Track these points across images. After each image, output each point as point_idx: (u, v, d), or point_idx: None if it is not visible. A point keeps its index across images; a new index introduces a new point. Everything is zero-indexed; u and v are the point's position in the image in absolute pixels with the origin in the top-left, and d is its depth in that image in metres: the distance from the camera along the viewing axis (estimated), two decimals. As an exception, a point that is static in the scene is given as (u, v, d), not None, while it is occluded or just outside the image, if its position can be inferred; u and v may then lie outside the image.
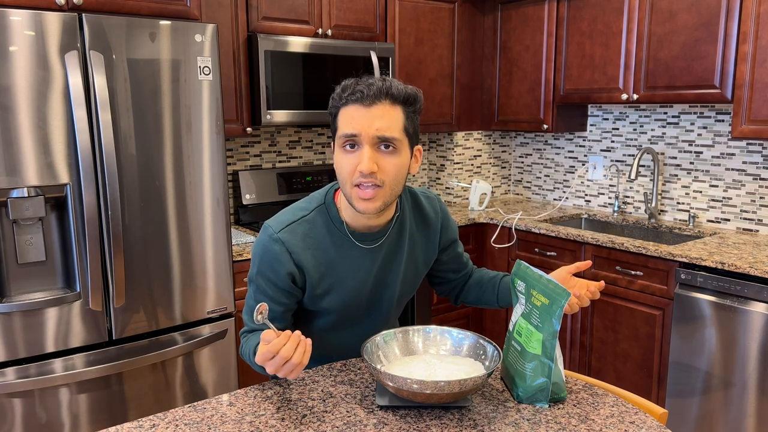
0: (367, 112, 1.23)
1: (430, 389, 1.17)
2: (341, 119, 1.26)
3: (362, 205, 1.26)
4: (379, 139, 1.23)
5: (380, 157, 1.25)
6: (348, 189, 1.27)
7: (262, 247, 1.36)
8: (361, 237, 1.40)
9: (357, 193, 1.26)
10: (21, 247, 2.07)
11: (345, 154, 1.26)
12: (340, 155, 1.27)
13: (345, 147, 1.26)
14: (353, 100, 1.24)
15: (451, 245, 1.58)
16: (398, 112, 1.25)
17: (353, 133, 1.23)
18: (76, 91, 2.04)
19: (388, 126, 1.24)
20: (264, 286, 1.38)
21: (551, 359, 1.26)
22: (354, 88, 1.24)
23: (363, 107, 1.23)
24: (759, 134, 2.59)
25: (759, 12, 2.55)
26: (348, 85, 1.26)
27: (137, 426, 1.20)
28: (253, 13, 2.83)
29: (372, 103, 1.23)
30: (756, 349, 2.41)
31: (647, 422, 1.21)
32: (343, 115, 1.26)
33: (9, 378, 2.06)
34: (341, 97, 1.26)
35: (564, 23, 3.32)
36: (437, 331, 1.43)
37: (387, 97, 1.24)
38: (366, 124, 1.23)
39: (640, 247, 2.75)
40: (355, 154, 1.25)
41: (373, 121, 1.23)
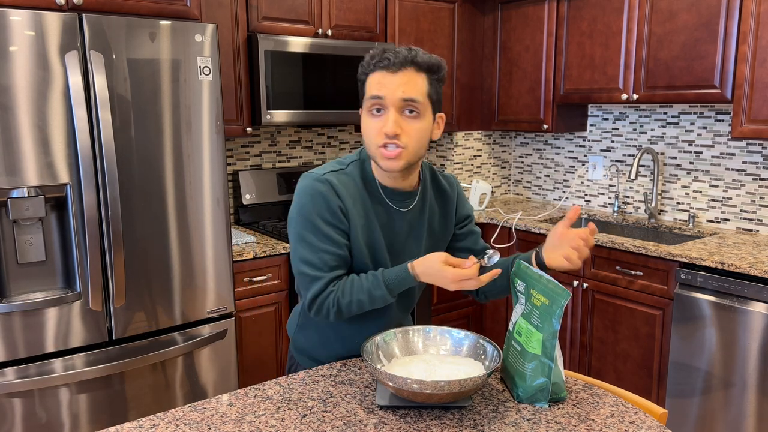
0: (394, 77, 1.32)
1: (430, 389, 1.17)
2: (369, 84, 1.35)
3: (387, 163, 1.35)
4: (404, 102, 1.32)
5: (404, 121, 1.33)
6: (374, 150, 1.36)
7: (311, 189, 1.39)
8: (391, 196, 1.46)
9: (382, 152, 1.35)
10: (21, 247, 2.07)
11: (372, 117, 1.35)
12: (368, 119, 1.36)
13: (372, 111, 1.35)
14: (381, 66, 1.32)
15: (467, 221, 1.62)
16: (422, 79, 1.34)
17: (379, 95, 1.32)
18: (76, 91, 2.04)
19: (412, 91, 1.32)
20: (324, 227, 1.38)
21: (551, 359, 1.26)
22: (382, 56, 1.32)
23: (389, 73, 1.32)
24: (759, 134, 2.59)
25: (759, 12, 2.55)
26: (376, 53, 1.34)
27: (137, 426, 1.20)
28: (253, 13, 2.83)
29: (398, 69, 1.32)
30: (756, 349, 2.41)
31: (647, 422, 1.21)
32: (371, 80, 1.34)
33: (9, 378, 2.06)
34: (369, 64, 1.35)
35: (564, 23, 3.32)
36: (437, 331, 1.43)
37: (412, 64, 1.32)
38: (392, 88, 1.31)
39: (640, 247, 2.75)
40: (381, 118, 1.34)
41: (399, 86, 1.31)
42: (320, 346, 1.56)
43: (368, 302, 1.37)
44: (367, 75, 1.36)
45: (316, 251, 1.38)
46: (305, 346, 1.59)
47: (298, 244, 1.40)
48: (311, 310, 1.41)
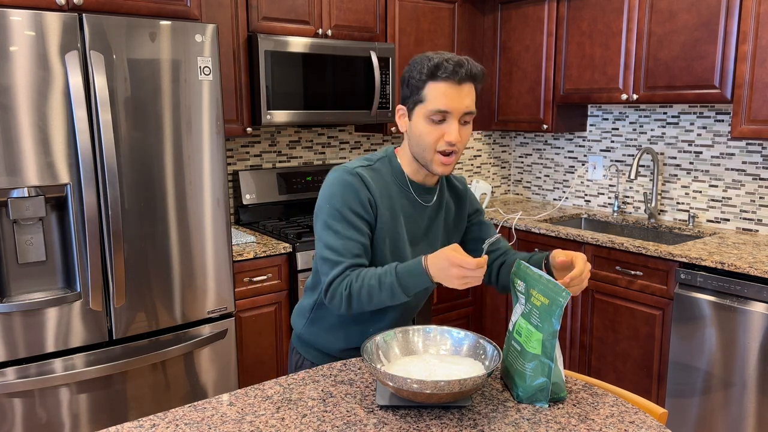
0: (459, 90, 1.40)
1: (430, 389, 1.17)
2: (431, 93, 1.40)
3: (442, 168, 1.46)
4: (465, 114, 1.42)
5: (461, 129, 1.44)
6: (429, 155, 1.45)
7: (341, 181, 1.45)
8: (417, 190, 1.54)
9: (440, 158, 1.45)
10: (21, 247, 2.07)
11: (431, 125, 1.42)
12: (426, 126, 1.43)
13: (432, 119, 1.41)
14: (445, 78, 1.39)
15: (476, 213, 1.70)
16: (474, 90, 1.44)
17: (446, 110, 1.40)
18: (76, 91, 2.04)
19: (471, 103, 1.43)
20: (351, 216, 1.44)
21: (551, 359, 1.26)
22: (446, 67, 1.38)
23: (455, 85, 1.39)
24: (759, 134, 2.60)
25: (759, 12, 2.56)
26: (436, 61, 1.39)
27: (137, 426, 1.20)
28: (253, 13, 2.83)
29: (461, 82, 1.40)
30: (756, 348, 2.41)
31: (647, 422, 1.22)
32: (434, 90, 1.40)
33: (9, 378, 2.06)
34: (431, 71, 1.39)
35: (564, 23, 3.32)
36: (437, 331, 1.43)
37: (472, 78, 1.42)
38: (457, 101, 1.40)
39: (640, 247, 2.75)
40: (440, 126, 1.42)
41: (463, 100, 1.40)
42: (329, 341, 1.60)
43: (377, 288, 1.37)
44: (425, 83, 1.40)
45: (342, 238, 1.43)
46: (312, 339, 1.62)
47: (324, 232, 1.45)
48: (326, 295, 1.44)
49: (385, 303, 1.40)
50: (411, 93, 1.44)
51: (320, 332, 1.61)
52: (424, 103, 1.42)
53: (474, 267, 1.27)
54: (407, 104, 1.46)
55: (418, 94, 1.42)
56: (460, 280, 1.29)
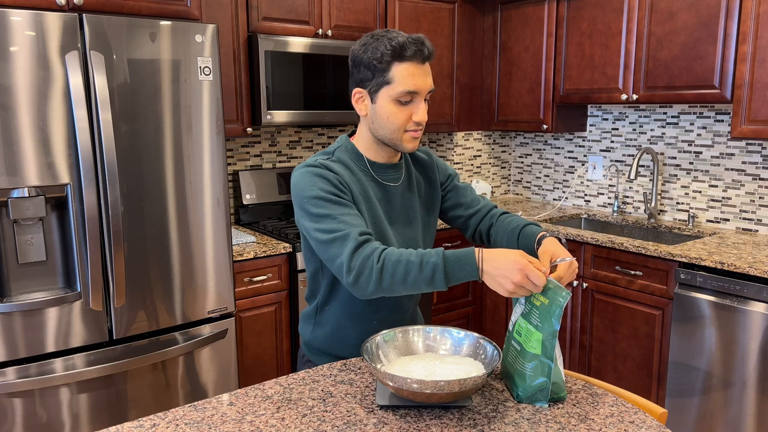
0: (423, 70, 1.40)
1: (430, 389, 1.17)
2: (398, 75, 1.39)
3: (412, 144, 1.46)
4: (428, 92, 1.43)
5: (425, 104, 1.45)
6: (398, 134, 1.44)
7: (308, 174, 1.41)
8: (380, 171, 1.52)
9: (410, 136, 1.44)
10: (21, 247, 2.07)
11: (399, 106, 1.41)
12: (394, 107, 1.41)
13: (400, 100, 1.40)
14: (410, 58, 1.38)
15: (449, 180, 1.68)
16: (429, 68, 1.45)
17: (415, 91, 1.40)
18: (76, 91, 2.04)
19: (432, 80, 1.44)
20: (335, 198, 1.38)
21: (551, 359, 1.26)
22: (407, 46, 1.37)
23: (420, 65, 1.40)
24: (758, 134, 2.60)
25: (759, 12, 2.56)
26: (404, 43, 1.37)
27: (138, 426, 1.20)
28: (253, 14, 2.83)
29: (424, 61, 1.40)
30: (755, 348, 2.41)
31: (647, 422, 1.22)
32: (400, 70, 1.39)
33: (9, 378, 2.06)
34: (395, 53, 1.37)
35: (564, 23, 3.33)
36: (437, 331, 1.43)
37: (430, 56, 1.42)
38: (423, 81, 1.40)
39: (640, 247, 2.75)
40: (408, 107, 1.42)
41: (427, 78, 1.42)
42: (338, 342, 1.58)
43: (418, 266, 1.27)
44: (390, 63, 1.38)
45: (335, 218, 1.35)
46: (322, 345, 1.60)
47: (316, 224, 1.36)
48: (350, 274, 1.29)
49: (420, 287, 1.29)
50: (374, 75, 1.40)
51: (328, 335, 1.59)
52: (391, 85, 1.39)
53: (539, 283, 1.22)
54: (368, 87, 1.42)
55: (382, 76, 1.39)
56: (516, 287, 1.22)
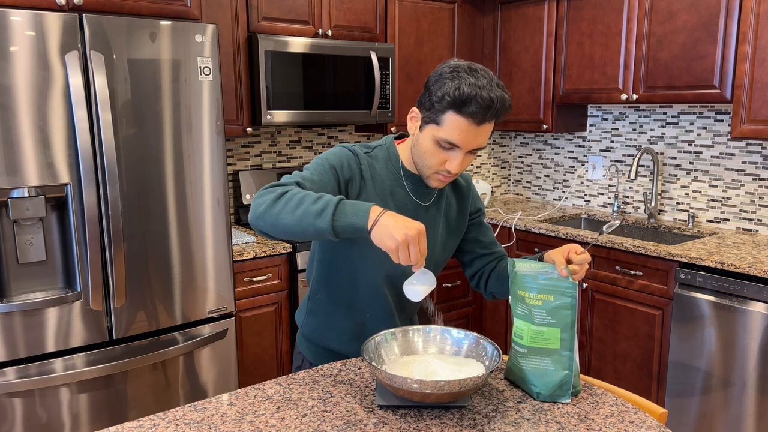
0: (477, 130, 1.32)
1: (430, 389, 1.17)
2: (448, 123, 1.32)
3: (435, 184, 1.43)
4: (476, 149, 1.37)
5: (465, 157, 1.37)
6: (428, 172, 1.41)
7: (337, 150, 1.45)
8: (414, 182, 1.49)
9: (438, 178, 1.41)
10: (21, 247, 2.07)
11: (438, 149, 1.36)
12: (432, 147, 1.37)
13: (440, 144, 1.35)
14: (468, 114, 1.30)
15: (478, 213, 1.65)
16: (493, 125, 1.37)
17: (457, 144, 1.34)
18: (76, 91, 2.04)
19: (485, 140, 1.37)
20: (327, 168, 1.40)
21: (571, 350, 1.27)
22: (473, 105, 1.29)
23: (474, 125, 1.31)
24: (758, 134, 2.60)
25: (758, 12, 2.56)
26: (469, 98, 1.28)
27: (137, 426, 1.20)
28: (253, 14, 2.83)
29: (482, 122, 1.32)
30: (755, 348, 2.41)
31: (647, 422, 1.22)
32: (453, 122, 1.32)
33: (9, 378, 2.06)
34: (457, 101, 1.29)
35: (564, 23, 3.33)
36: (437, 331, 1.43)
37: (495, 118, 1.34)
38: (471, 140, 1.33)
39: (640, 247, 2.75)
40: (446, 152, 1.36)
41: (477, 138, 1.34)
42: (329, 332, 1.59)
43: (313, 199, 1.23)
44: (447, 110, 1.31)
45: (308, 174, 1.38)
46: (314, 334, 1.62)
47: None
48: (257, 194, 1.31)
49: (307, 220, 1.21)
50: (429, 108, 1.35)
51: (320, 324, 1.59)
52: (438, 127, 1.34)
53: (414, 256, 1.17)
54: (422, 114, 1.38)
55: (435, 115, 1.33)
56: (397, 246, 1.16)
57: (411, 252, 1.17)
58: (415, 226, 1.18)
